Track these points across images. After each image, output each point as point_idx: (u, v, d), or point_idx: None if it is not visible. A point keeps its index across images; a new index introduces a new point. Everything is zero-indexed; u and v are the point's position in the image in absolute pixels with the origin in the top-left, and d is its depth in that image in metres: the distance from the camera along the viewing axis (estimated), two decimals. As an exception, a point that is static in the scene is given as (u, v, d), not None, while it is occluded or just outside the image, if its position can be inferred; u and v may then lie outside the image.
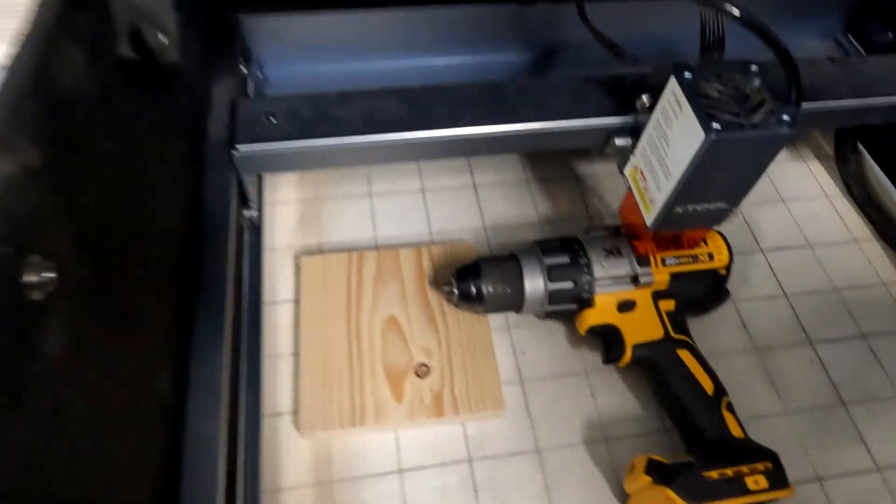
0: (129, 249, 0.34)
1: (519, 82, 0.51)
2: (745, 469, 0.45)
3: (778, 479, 0.45)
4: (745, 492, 0.44)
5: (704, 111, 0.40)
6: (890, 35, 0.66)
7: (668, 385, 0.51)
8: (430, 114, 0.47)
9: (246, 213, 0.49)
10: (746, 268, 0.64)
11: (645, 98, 0.48)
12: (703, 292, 0.56)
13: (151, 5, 0.37)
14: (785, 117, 0.40)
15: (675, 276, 0.54)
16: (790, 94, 0.40)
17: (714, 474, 0.44)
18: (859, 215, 0.69)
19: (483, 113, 0.47)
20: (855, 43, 0.71)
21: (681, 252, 0.55)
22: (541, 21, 0.56)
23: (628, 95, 0.49)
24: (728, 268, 0.56)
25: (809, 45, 0.70)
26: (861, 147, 0.70)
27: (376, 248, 0.62)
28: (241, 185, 0.46)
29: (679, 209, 0.47)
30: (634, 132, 0.49)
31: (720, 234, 0.56)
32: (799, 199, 0.70)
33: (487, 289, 0.52)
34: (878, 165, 0.68)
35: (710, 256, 0.55)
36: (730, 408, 0.49)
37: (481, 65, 0.58)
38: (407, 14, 0.55)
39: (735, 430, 0.48)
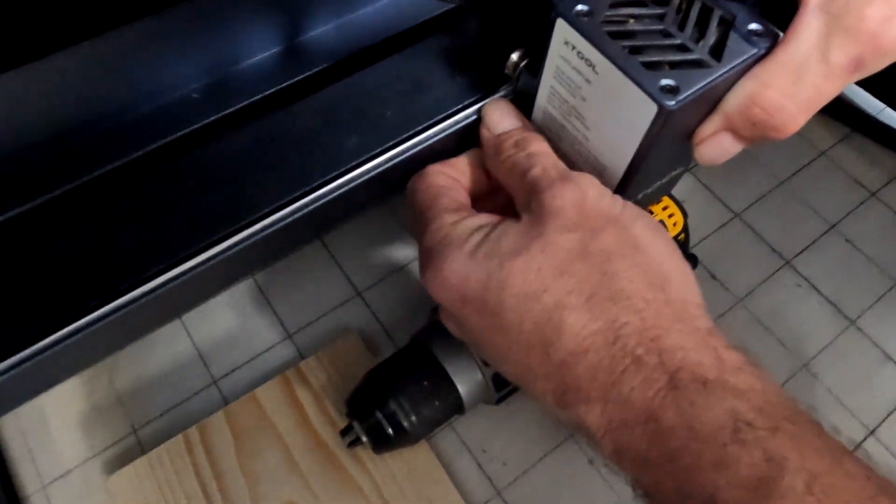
0: None
1: (318, 100, 0.31)
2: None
3: None
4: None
5: (636, 63, 0.24)
6: None
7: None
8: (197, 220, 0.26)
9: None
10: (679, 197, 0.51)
11: (515, 57, 0.30)
12: (669, 272, 0.41)
13: None
14: (754, 26, 0.25)
15: (632, 271, 0.39)
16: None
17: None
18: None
19: (285, 176, 0.28)
20: None
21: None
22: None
23: (483, 54, 0.32)
24: (686, 229, 0.42)
25: None
26: None
27: (224, 400, 0.41)
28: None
29: (629, 205, 0.31)
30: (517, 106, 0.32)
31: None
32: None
33: (408, 417, 0.34)
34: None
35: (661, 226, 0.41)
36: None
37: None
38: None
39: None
